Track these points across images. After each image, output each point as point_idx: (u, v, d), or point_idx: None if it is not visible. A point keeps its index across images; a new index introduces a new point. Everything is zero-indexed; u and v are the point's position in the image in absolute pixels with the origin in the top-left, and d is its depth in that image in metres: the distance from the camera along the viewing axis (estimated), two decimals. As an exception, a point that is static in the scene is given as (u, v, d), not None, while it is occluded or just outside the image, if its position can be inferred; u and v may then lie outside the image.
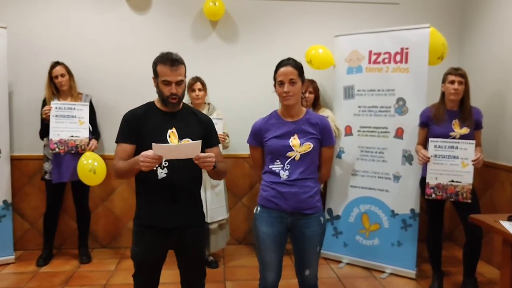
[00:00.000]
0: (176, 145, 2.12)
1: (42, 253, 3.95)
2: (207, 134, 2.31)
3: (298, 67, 2.31)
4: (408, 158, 3.67)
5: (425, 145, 3.32)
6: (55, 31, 4.13)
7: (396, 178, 3.73)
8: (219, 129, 3.67)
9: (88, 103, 3.81)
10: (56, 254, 4.10)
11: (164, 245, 2.27)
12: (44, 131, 3.77)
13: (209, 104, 3.92)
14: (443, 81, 3.28)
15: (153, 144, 1.96)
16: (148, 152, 1.98)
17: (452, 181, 3.16)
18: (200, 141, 2.05)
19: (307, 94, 3.91)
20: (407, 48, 3.65)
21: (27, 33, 4.08)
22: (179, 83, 2.18)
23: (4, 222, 3.88)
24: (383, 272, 3.75)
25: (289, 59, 2.33)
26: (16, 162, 4.06)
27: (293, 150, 2.29)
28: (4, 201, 3.88)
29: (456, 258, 4.07)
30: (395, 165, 3.74)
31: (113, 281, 3.56)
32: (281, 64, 2.32)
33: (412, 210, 3.66)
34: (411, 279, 3.62)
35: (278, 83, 2.30)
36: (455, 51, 4.45)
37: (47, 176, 3.82)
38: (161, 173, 2.17)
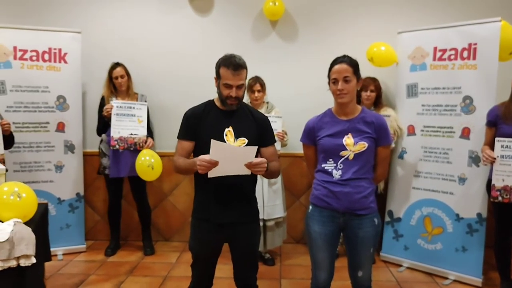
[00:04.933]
0: (233, 146, 2.18)
1: (110, 243, 4.20)
2: (262, 133, 2.36)
3: (353, 65, 2.27)
4: (475, 159, 3.48)
5: (492, 145, 3.13)
6: (122, 34, 4.37)
7: (462, 180, 3.55)
8: (278, 127, 3.70)
9: (146, 103, 3.99)
10: (122, 245, 4.33)
11: (218, 239, 2.36)
12: (102, 128, 4.00)
13: (267, 103, 3.96)
14: (513, 78, 3.08)
15: (212, 140, 2.03)
16: (205, 157, 2.06)
17: (522, 183, 2.96)
18: (255, 147, 2.09)
19: (368, 93, 3.83)
20: (475, 44, 3.46)
21: (98, 36, 4.35)
22: (239, 86, 2.25)
23: (77, 213, 4.18)
24: (446, 278, 3.58)
25: (344, 56, 2.30)
26: (88, 157, 4.33)
27: (347, 149, 2.25)
28: (77, 194, 4.17)
29: (529, 267, 3.80)
30: (460, 167, 3.56)
31: (173, 273, 3.71)
32: (335, 61, 2.30)
33: (479, 215, 3.47)
34: (477, 287, 3.44)
35: (332, 80, 2.28)
36: (531, 45, 4.13)
37: (106, 171, 4.02)
38: None
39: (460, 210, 3.57)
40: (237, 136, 2.28)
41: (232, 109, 2.32)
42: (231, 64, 2.21)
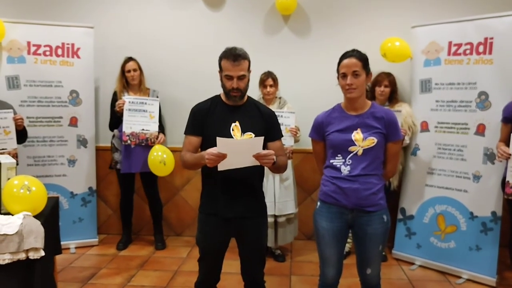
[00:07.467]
0: (238, 140, 2.17)
1: (122, 237, 4.23)
2: (269, 128, 2.35)
3: (363, 59, 2.23)
4: (490, 156, 3.40)
5: (507, 142, 3.05)
6: (135, 29, 4.37)
7: (476, 178, 3.48)
8: (291, 122, 3.67)
9: (158, 99, 3.99)
10: (134, 240, 4.36)
11: (225, 233, 2.36)
12: (115, 123, 4.01)
13: (280, 98, 3.93)
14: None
15: (217, 138, 2.02)
16: (213, 150, 2.06)
17: (538, 181, 2.88)
18: (262, 138, 2.08)
19: (382, 88, 3.77)
20: (491, 38, 3.38)
21: (111, 31, 4.36)
22: (240, 77, 2.24)
23: (90, 207, 4.22)
24: (459, 277, 3.52)
25: (353, 50, 2.27)
26: (100, 152, 4.36)
27: (356, 145, 2.22)
28: (90, 188, 4.21)
29: (545, 267, 3.71)
30: (475, 164, 3.49)
31: (184, 268, 3.73)
32: (344, 55, 2.26)
33: (494, 213, 3.39)
34: (491, 287, 3.37)
35: (341, 75, 2.24)
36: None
37: (118, 166, 4.04)
38: None
39: (474, 208, 3.50)
40: (243, 131, 2.28)
41: (237, 103, 2.31)
42: (231, 55, 2.22)
